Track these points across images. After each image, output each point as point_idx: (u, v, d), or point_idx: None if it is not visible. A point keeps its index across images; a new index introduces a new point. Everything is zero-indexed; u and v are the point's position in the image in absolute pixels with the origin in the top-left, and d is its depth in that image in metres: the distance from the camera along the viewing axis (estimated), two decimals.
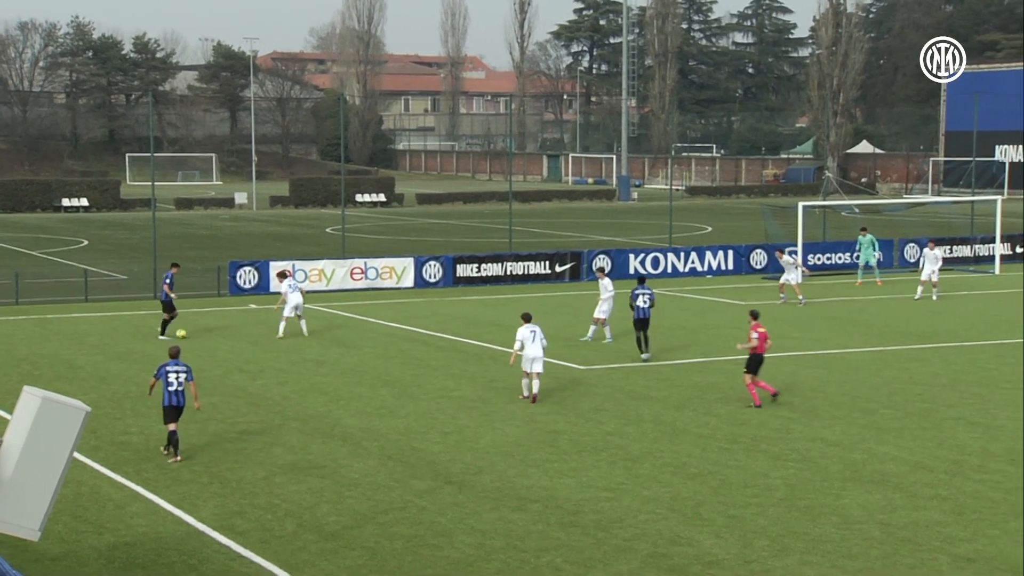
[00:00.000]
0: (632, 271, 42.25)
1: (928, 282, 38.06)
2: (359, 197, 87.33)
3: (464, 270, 42.07)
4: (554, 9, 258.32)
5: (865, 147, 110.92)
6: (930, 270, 38.15)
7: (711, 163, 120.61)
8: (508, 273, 42.50)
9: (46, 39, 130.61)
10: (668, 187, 57.55)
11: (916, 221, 65.28)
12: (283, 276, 32.98)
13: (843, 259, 45.47)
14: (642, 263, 43.87)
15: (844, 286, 41.49)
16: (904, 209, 71.54)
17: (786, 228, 48.63)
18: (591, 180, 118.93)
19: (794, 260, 38.22)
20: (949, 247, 46.84)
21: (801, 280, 37.46)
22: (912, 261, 45.91)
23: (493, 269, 42.45)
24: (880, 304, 37.29)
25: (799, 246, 42.81)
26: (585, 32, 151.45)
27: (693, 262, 44.74)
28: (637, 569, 14.59)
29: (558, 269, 43.07)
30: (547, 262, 43.11)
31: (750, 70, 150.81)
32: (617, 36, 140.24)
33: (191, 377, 19.64)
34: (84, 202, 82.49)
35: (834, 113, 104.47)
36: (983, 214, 51.12)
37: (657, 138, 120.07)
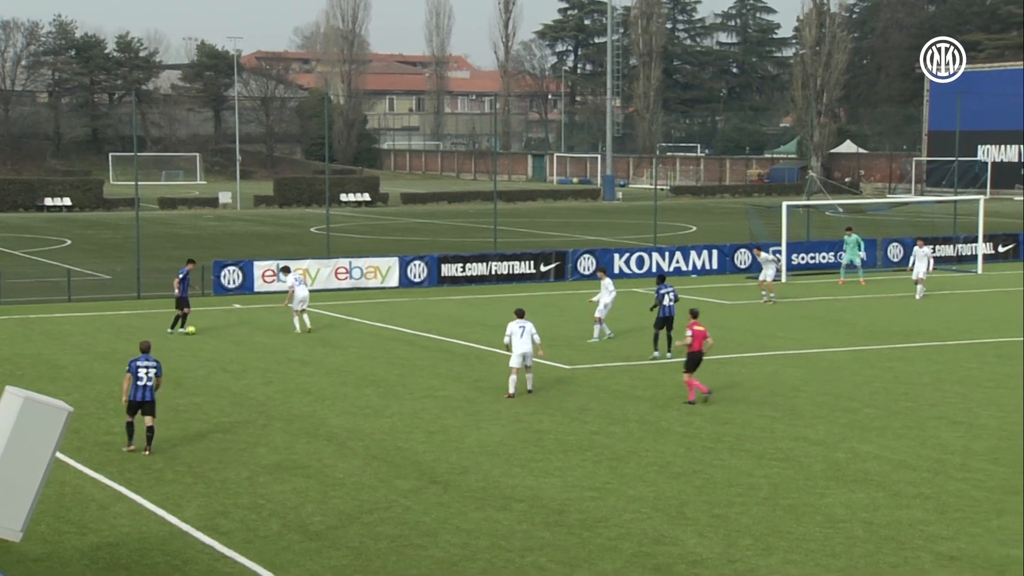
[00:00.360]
0: (617, 271, 42.35)
1: (922, 280, 38.18)
2: (344, 197, 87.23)
3: (449, 270, 42.07)
4: (539, 9, 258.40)
5: (849, 147, 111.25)
6: (922, 268, 38.28)
7: (695, 163, 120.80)
8: (493, 273, 42.50)
9: (28, 38, 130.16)
10: (653, 187, 57.58)
11: (899, 221, 65.46)
12: (287, 270, 32.94)
13: (827, 259, 45.56)
14: (627, 263, 43.95)
15: (827, 285, 41.59)
16: (887, 209, 71.77)
17: (770, 228, 48.74)
18: (576, 180, 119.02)
19: (774, 257, 38.35)
20: (932, 247, 46.98)
21: (778, 279, 37.50)
22: (896, 261, 46.06)
23: (478, 269, 42.45)
24: (863, 303, 37.40)
25: (783, 246, 42.94)
26: (570, 32, 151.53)
27: (678, 262, 44.80)
28: (622, 568, 14.61)
29: (543, 269, 43.10)
30: (532, 262, 43.14)
31: (734, 70, 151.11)
32: (602, 36, 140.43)
33: (160, 372, 19.65)
34: (67, 201, 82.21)
35: (818, 113, 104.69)
36: (966, 214, 51.31)
37: (642, 138, 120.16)
